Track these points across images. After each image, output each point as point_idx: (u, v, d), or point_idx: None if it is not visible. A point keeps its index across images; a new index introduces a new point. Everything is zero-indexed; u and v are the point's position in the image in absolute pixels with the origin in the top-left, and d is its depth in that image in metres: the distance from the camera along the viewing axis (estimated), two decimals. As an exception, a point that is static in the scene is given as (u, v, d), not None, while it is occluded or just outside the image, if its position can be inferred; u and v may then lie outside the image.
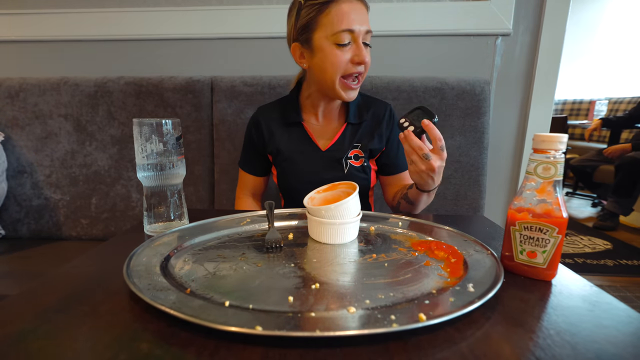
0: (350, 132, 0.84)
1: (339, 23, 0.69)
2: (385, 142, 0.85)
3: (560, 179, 0.42)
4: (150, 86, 1.16)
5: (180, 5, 1.23)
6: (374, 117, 0.85)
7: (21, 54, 1.30)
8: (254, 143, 0.88)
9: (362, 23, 0.70)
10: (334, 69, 0.72)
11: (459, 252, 0.49)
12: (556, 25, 1.16)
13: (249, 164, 0.92)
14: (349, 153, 0.82)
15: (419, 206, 0.77)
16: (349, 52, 0.71)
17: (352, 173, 0.82)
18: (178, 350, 0.30)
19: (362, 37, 0.71)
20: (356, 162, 0.82)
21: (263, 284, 0.41)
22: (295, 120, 0.84)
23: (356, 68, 0.72)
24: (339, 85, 0.74)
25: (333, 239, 0.55)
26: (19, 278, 0.93)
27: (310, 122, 0.86)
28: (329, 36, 0.70)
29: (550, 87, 1.21)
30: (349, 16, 0.69)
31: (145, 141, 0.58)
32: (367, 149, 0.83)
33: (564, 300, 0.39)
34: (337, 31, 0.69)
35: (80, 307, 0.37)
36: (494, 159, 1.26)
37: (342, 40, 0.69)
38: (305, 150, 0.83)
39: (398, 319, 0.32)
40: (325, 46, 0.71)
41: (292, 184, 0.85)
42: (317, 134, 0.85)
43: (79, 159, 1.20)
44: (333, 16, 0.69)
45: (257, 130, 0.87)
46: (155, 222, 0.62)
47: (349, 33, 0.69)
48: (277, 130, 0.85)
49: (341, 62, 0.71)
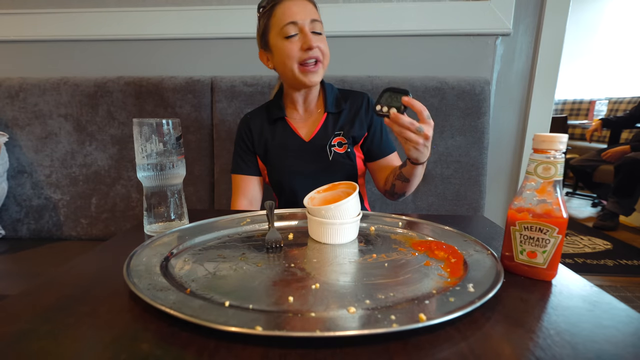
0: (331, 121, 0.89)
1: (282, 19, 0.77)
2: (367, 129, 0.90)
3: (560, 179, 0.42)
4: (150, 86, 1.16)
5: (180, 5, 1.23)
6: (352, 105, 0.90)
7: (21, 54, 1.30)
8: (245, 144, 0.92)
9: (305, 14, 0.77)
10: (288, 59, 0.78)
11: (459, 252, 0.49)
12: (556, 25, 1.16)
13: (241, 166, 0.92)
14: (332, 141, 0.87)
15: (414, 180, 0.79)
16: (297, 42, 0.77)
17: (337, 160, 0.86)
18: (178, 350, 0.30)
19: (309, 27, 0.77)
20: (340, 149, 0.87)
21: (263, 284, 0.41)
22: (279, 116, 0.89)
23: (308, 53, 0.77)
24: (298, 72, 0.80)
25: (333, 239, 0.55)
26: (19, 278, 0.93)
27: (293, 117, 0.91)
28: (278, 33, 0.78)
29: (550, 87, 1.21)
30: (290, 10, 0.76)
31: (145, 141, 0.58)
32: (349, 135, 0.87)
33: (564, 300, 0.39)
34: (282, 25, 0.77)
35: (80, 307, 0.37)
36: (494, 159, 1.26)
37: (288, 32, 0.77)
38: (290, 143, 0.88)
39: (398, 319, 0.32)
40: (278, 43, 0.79)
41: (281, 178, 0.89)
42: (299, 126, 0.90)
43: (79, 159, 1.20)
44: (278, 16, 0.77)
45: (246, 132, 0.92)
46: (155, 222, 0.62)
47: (293, 25, 0.76)
48: (263, 129, 0.91)
49: (292, 51, 0.77)
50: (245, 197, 0.91)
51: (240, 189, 0.92)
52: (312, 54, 0.77)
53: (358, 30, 1.21)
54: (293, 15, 0.76)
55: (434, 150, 1.15)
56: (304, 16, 0.76)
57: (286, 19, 0.76)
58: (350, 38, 1.23)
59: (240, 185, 0.92)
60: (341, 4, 1.20)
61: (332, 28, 1.17)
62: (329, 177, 0.83)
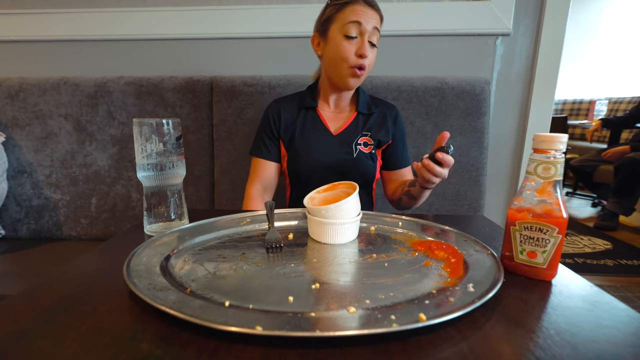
0: (361, 121, 0.92)
1: (349, 16, 0.78)
2: (391, 137, 0.93)
3: (560, 179, 0.42)
4: (150, 86, 1.16)
5: (180, 5, 1.23)
6: (381, 112, 0.93)
7: (21, 54, 1.30)
8: (271, 128, 0.92)
9: (371, 21, 0.79)
10: (340, 58, 0.81)
11: (459, 252, 0.49)
12: (556, 25, 1.16)
13: (262, 150, 0.92)
14: (358, 139, 0.89)
15: (420, 199, 0.84)
16: (354, 45, 0.80)
17: (361, 158, 0.88)
18: (178, 350, 0.30)
19: (369, 35, 0.80)
20: (365, 148, 0.89)
21: (263, 284, 0.41)
22: (311, 105, 0.91)
23: (360, 61, 0.80)
24: (345, 73, 0.82)
25: (333, 239, 0.55)
26: (19, 278, 0.93)
27: (324, 109, 0.93)
28: (341, 28, 0.80)
29: (550, 87, 1.21)
30: (360, 12, 0.78)
31: (145, 141, 0.58)
32: (375, 138, 0.91)
33: (564, 300, 0.39)
34: (346, 22, 0.78)
35: (80, 307, 0.37)
36: (494, 159, 1.26)
37: (350, 32, 0.79)
38: (318, 133, 0.90)
39: (398, 319, 0.32)
40: (336, 37, 0.81)
41: (303, 166, 0.89)
42: (329, 119, 0.92)
43: (79, 159, 1.20)
44: (347, 12, 0.79)
45: (274, 116, 0.92)
46: (155, 222, 0.62)
47: (356, 25, 0.78)
48: (292, 115, 0.92)
49: (347, 52, 0.80)
50: (260, 182, 0.92)
51: (257, 173, 0.92)
52: (361, 62, 0.80)
53: (358, 30, 1.21)
54: (359, 16, 0.78)
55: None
56: (369, 22, 0.79)
57: (353, 17, 0.78)
58: (350, 38, 1.23)
59: (258, 169, 0.92)
60: (341, 4, 1.20)
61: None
62: (349, 174, 0.86)
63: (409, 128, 1.14)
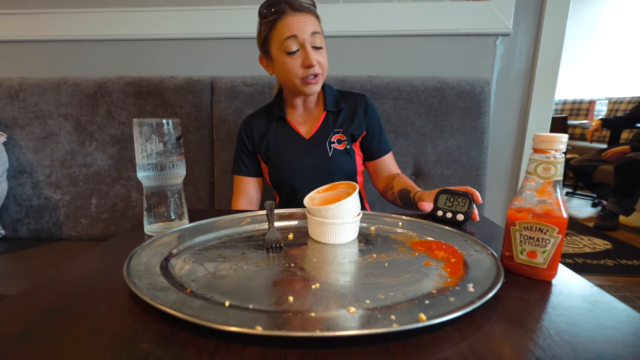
0: (331, 119, 0.91)
1: (283, 33, 0.77)
2: (365, 128, 0.92)
3: (560, 179, 0.42)
4: (150, 86, 1.16)
5: (180, 5, 1.23)
6: (351, 105, 0.92)
7: (21, 54, 1.30)
8: (245, 145, 0.94)
9: (306, 29, 0.77)
10: (289, 75, 0.80)
11: (459, 252, 0.49)
12: (556, 25, 1.16)
13: (242, 167, 0.95)
14: (331, 138, 0.89)
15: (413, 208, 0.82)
16: (298, 59, 0.79)
17: (337, 156, 0.88)
18: (178, 350, 0.30)
19: (310, 42, 0.78)
20: (339, 145, 0.89)
21: (263, 284, 0.41)
22: (280, 115, 0.91)
23: (309, 70, 0.79)
24: (300, 84, 0.82)
25: (333, 239, 0.55)
26: (19, 278, 0.93)
27: (293, 116, 0.93)
28: (279, 46, 0.79)
29: (550, 87, 1.21)
30: (291, 26, 0.77)
31: (145, 141, 0.58)
32: (348, 133, 0.90)
33: (564, 300, 0.39)
34: (283, 40, 0.77)
35: (80, 307, 0.37)
36: (494, 159, 1.26)
37: (290, 48, 0.77)
38: (291, 141, 0.90)
39: (398, 319, 0.32)
40: (279, 56, 0.80)
41: (282, 175, 0.90)
42: (299, 125, 0.92)
43: (79, 159, 1.20)
44: (280, 30, 0.78)
45: (247, 133, 0.94)
46: (155, 222, 0.62)
47: (294, 40, 0.77)
48: (264, 129, 0.93)
49: (294, 68, 0.79)
50: (244, 197, 0.95)
51: (240, 190, 0.96)
52: (313, 71, 0.79)
53: (358, 30, 1.21)
54: (293, 30, 0.76)
55: (433, 149, 1.15)
56: (305, 31, 0.77)
57: (287, 33, 0.76)
58: (350, 38, 1.23)
59: (240, 186, 0.95)
60: (341, 3, 1.20)
61: (332, 28, 1.17)
62: (328, 174, 0.86)
63: (409, 128, 1.14)
